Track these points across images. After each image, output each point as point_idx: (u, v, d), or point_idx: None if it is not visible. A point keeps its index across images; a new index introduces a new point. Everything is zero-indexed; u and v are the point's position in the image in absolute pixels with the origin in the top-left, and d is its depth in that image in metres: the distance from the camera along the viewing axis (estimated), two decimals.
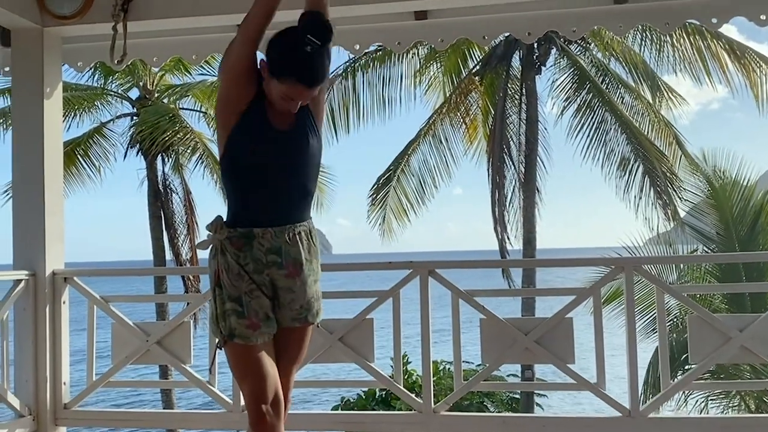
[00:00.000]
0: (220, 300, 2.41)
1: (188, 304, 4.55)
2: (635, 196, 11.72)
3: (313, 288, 2.53)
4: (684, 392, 8.09)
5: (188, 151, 13.57)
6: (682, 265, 10.13)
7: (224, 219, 2.47)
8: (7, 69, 4.36)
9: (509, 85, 12.46)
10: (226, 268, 2.41)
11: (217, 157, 13.34)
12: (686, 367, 7.39)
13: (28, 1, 3.89)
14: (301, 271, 2.47)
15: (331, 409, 9.45)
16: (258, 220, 2.43)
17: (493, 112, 12.58)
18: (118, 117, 14.07)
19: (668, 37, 11.00)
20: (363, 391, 10.06)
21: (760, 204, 9.98)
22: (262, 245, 2.42)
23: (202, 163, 13.50)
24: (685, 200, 11.29)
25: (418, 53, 12.52)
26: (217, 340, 2.46)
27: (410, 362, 9.84)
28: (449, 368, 9.63)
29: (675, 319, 8.98)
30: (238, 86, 2.42)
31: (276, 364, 2.44)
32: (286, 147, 2.44)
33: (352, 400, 10.21)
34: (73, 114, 13.20)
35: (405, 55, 12.18)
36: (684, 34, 11.02)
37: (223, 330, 2.40)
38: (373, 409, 9.48)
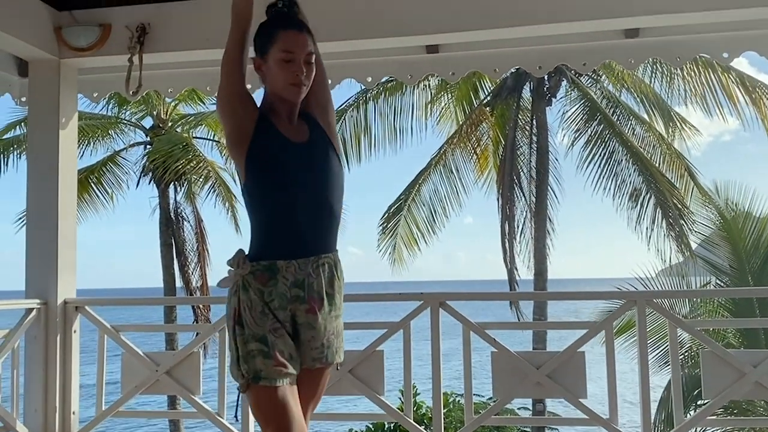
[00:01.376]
0: (242, 340, 2.22)
1: (198, 334, 4.54)
2: (647, 228, 11.68)
3: (334, 324, 2.36)
4: (697, 429, 7.97)
5: (200, 179, 13.68)
6: (695, 298, 10.03)
7: (246, 253, 2.31)
8: (24, 99, 4.43)
9: (520, 116, 12.51)
10: (249, 305, 2.23)
11: (230, 185, 13.44)
12: (699, 402, 7.29)
13: (47, 33, 3.96)
14: (323, 306, 2.31)
15: None
16: (282, 252, 2.27)
17: (503, 142, 12.63)
18: (132, 145, 14.23)
19: (679, 70, 11.04)
20: (372, 424, 9.96)
21: None
22: (287, 279, 2.25)
23: (214, 191, 13.59)
24: (697, 232, 11.23)
25: (429, 84, 12.62)
26: (238, 384, 2.26)
27: (419, 394, 9.76)
28: (459, 400, 9.54)
29: (689, 352, 8.88)
30: (234, 113, 2.31)
31: None
32: (306, 160, 2.31)
33: None
34: (87, 142, 13.35)
35: (416, 86, 12.28)
36: (695, 67, 11.06)
37: (246, 373, 2.20)
38: None
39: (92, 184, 13.52)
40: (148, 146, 13.99)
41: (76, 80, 4.27)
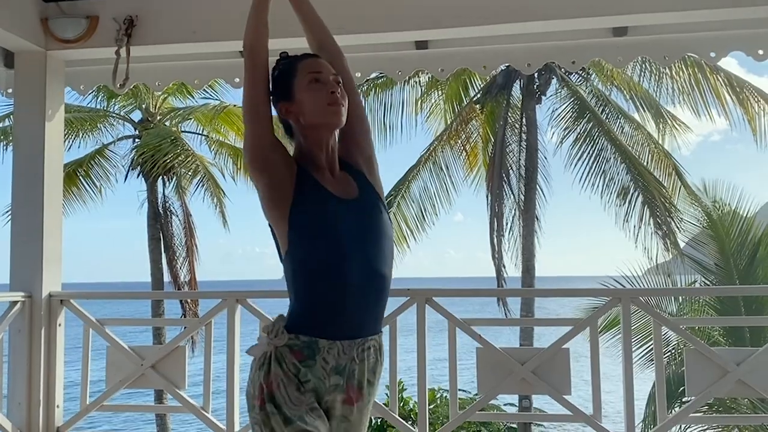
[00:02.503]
0: (277, 421, 1.88)
1: (185, 328, 4.53)
2: (635, 226, 11.76)
3: (367, 413, 2.07)
4: (681, 426, 8.03)
5: (189, 174, 13.63)
6: (681, 297, 10.10)
7: (285, 322, 1.99)
8: (10, 91, 4.39)
9: (509, 114, 12.56)
10: (284, 381, 1.91)
11: (218, 180, 13.39)
12: (684, 400, 7.35)
13: (33, 24, 3.93)
14: (362, 396, 2.01)
15: None
16: (326, 330, 1.95)
17: (493, 140, 12.66)
18: (120, 139, 14.17)
19: (667, 69, 11.10)
20: None
21: (759, 236, 9.98)
22: (327, 362, 1.94)
23: (203, 186, 13.55)
24: (685, 231, 11.30)
25: (419, 81, 12.63)
26: None
27: (406, 389, 9.77)
28: (446, 396, 9.57)
29: (674, 350, 8.93)
30: (269, 169, 2.01)
31: None
32: (358, 222, 2.01)
33: None
34: (75, 135, 13.28)
35: (406, 82, 12.29)
36: (683, 67, 11.13)
37: None
38: None
39: (80, 177, 13.46)
40: (136, 140, 13.93)
41: (63, 72, 4.24)
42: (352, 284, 1.96)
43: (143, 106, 13.98)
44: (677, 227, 11.52)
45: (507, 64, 4.51)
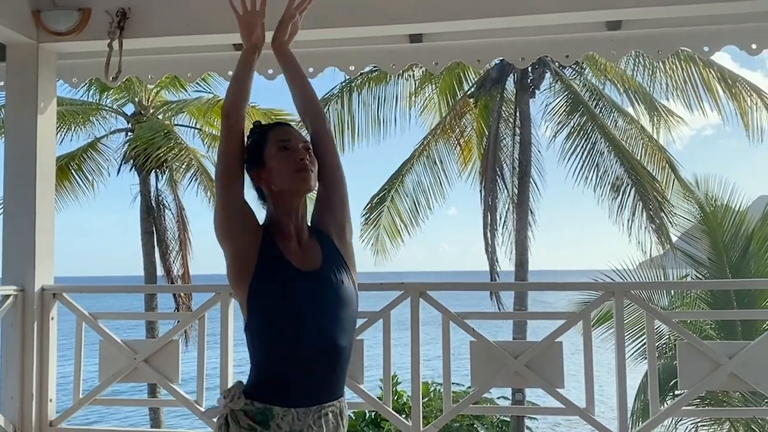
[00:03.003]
0: None
1: (178, 322, 4.52)
2: (628, 220, 11.79)
3: None
4: (673, 419, 8.07)
5: (182, 167, 13.59)
6: (673, 291, 10.13)
7: (243, 386, 2.07)
8: (1, 83, 4.37)
9: (503, 108, 12.57)
10: None
11: (211, 173, 13.42)
12: (676, 393, 7.38)
13: (25, 17, 3.91)
14: None
15: None
16: (280, 397, 2.01)
17: (487, 134, 12.67)
18: (113, 132, 14.11)
19: (660, 64, 11.12)
20: (353, 412, 10.01)
21: (751, 230, 10.02)
22: (281, 428, 2.00)
23: (196, 179, 13.50)
24: (677, 225, 11.34)
25: (413, 75, 12.62)
26: None
27: (400, 383, 9.80)
28: (440, 389, 9.60)
29: (667, 343, 8.98)
30: (235, 235, 2.09)
31: None
32: (316, 293, 2.06)
33: None
34: (67, 128, 13.22)
35: (400, 76, 12.28)
36: (677, 61, 11.14)
37: None
38: (363, 431, 9.43)
39: (73, 171, 13.40)
40: (129, 133, 13.88)
41: (55, 65, 4.21)
42: (307, 356, 2.03)
43: (136, 99, 13.92)
44: (669, 221, 11.57)
45: (501, 58, 4.51)
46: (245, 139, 2.20)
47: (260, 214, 2.21)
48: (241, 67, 2.26)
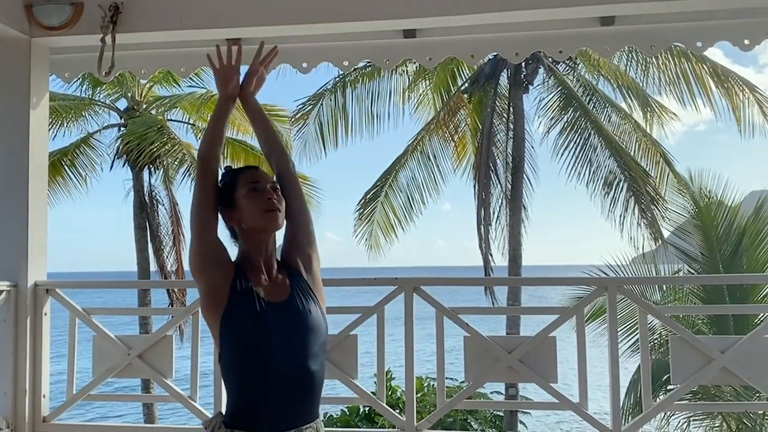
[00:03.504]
0: None
1: (172, 317, 4.52)
2: (620, 215, 11.82)
3: None
4: (666, 413, 8.11)
5: (176, 162, 13.56)
6: (665, 286, 10.17)
7: (224, 416, 2.20)
8: None
9: (497, 104, 12.57)
10: None
11: None
12: (669, 387, 7.41)
13: (17, 11, 3.88)
14: None
15: None
16: (256, 424, 2.14)
17: (480, 129, 12.67)
18: (106, 127, 14.06)
19: (654, 59, 11.14)
20: (347, 407, 10.02)
21: (744, 225, 10.06)
22: None
23: (190, 174, 13.46)
24: (670, 220, 11.38)
25: (407, 70, 12.61)
26: None
27: (394, 378, 9.80)
28: (434, 384, 9.62)
29: (659, 338, 9.01)
30: (209, 271, 2.25)
31: None
32: (285, 323, 2.19)
33: (335, 416, 10.17)
34: (60, 123, 13.17)
35: (394, 71, 12.26)
36: (670, 56, 11.17)
37: None
38: (357, 426, 9.43)
39: (65, 166, 13.35)
40: (122, 128, 13.83)
41: (48, 60, 4.19)
42: (280, 383, 2.15)
43: (129, 94, 13.87)
44: (662, 216, 11.60)
45: (494, 54, 4.51)
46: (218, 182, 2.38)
47: (232, 250, 2.35)
48: (217, 114, 2.45)
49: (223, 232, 2.36)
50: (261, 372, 2.15)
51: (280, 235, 2.42)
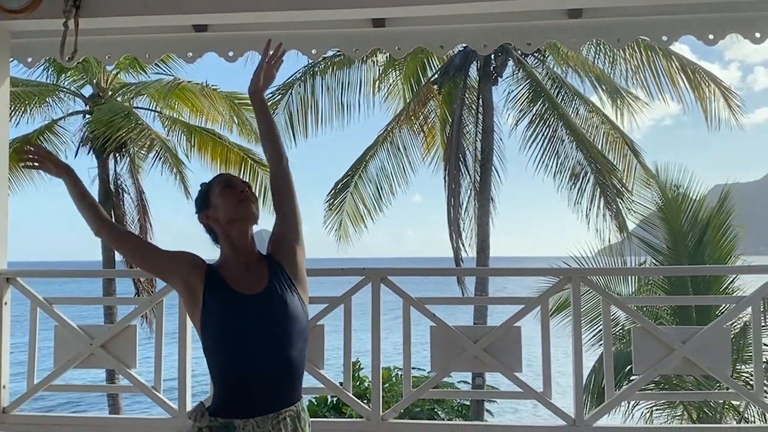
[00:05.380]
0: None
1: (137, 307, 4.46)
2: (586, 207, 11.95)
3: None
4: (629, 402, 8.23)
5: (143, 150, 13.37)
6: (630, 279, 10.30)
7: (206, 405, 2.30)
8: None
9: (466, 95, 12.59)
10: None
11: (175, 152, 13.15)
12: (631, 378, 7.52)
13: None
14: None
15: None
16: (239, 410, 2.24)
17: (450, 121, 12.69)
18: (71, 114, 13.80)
19: (621, 52, 11.25)
20: (314, 398, 10.00)
21: (708, 218, 10.21)
22: None
23: (160, 158, 13.26)
24: (635, 212, 11.51)
25: (376, 61, 12.57)
26: None
27: (362, 368, 9.82)
28: (401, 374, 9.65)
29: (620, 330, 9.12)
30: (170, 273, 2.43)
31: None
32: (262, 313, 2.28)
33: None
34: (23, 110, 12.90)
35: (364, 61, 12.22)
36: (637, 49, 11.28)
37: None
38: (325, 416, 9.43)
39: None
40: (87, 115, 13.59)
41: (9, 44, 4.10)
42: (258, 370, 2.25)
43: (94, 81, 13.64)
44: (627, 209, 11.74)
45: (464, 45, 4.51)
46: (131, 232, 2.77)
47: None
48: (75, 198, 2.62)
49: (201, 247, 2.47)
50: (240, 362, 2.25)
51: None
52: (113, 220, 13.37)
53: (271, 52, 2.64)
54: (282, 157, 2.58)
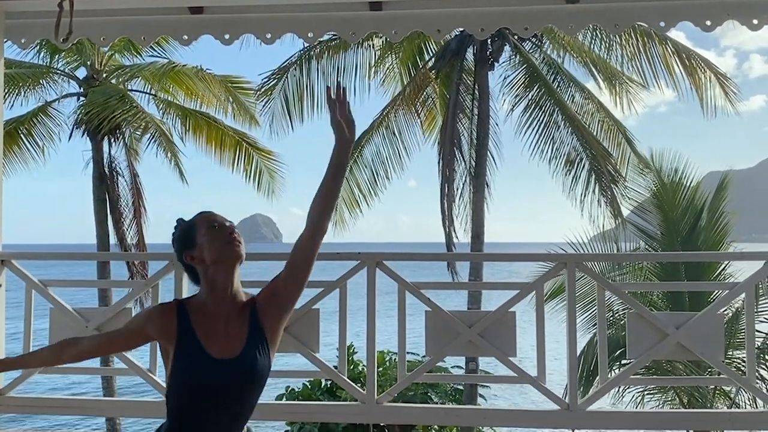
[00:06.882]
0: None
1: (131, 290, 4.46)
2: (581, 193, 11.96)
3: None
4: (621, 387, 8.28)
5: (138, 132, 13.31)
6: (625, 265, 10.34)
7: None
8: None
9: (462, 80, 12.55)
10: None
11: (169, 137, 13.12)
12: (621, 362, 7.56)
13: None
14: None
15: (276, 398, 9.40)
16: None
17: (446, 106, 12.66)
18: (64, 96, 13.71)
19: (618, 38, 11.22)
20: (309, 381, 10.03)
21: (701, 205, 10.24)
22: None
23: (155, 141, 13.21)
24: (630, 199, 11.53)
25: (373, 45, 12.51)
26: None
27: (356, 352, 9.85)
28: (395, 358, 9.68)
29: (612, 315, 9.16)
30: (145, 339, 2.37)
31: None
32: (228, 380, 2.24)
33: (297, 390, 10.19)
34: (17, 92, 12.80)
35: (360, 45, 12.16)
36: (633, 36, 11.25)
37: None
38: (319, 399, 9.47)
39: (22, 136, 13.01)
40: (81, 98, 13.51)
41: (3, 24, 4.07)
42: (208, 414, 2.22)
43: (88, 62, 13.54)
44: (621, 195, 11.76)
45: (461, 29, 4.50)
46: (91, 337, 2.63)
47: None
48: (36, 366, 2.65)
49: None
50: (195, 416, 2.23)
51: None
52: (108, 203, 13.38)
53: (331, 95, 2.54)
54: (324, 225, 2.43)
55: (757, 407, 8.05)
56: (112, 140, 13.49)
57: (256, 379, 2.27)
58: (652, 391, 9.49)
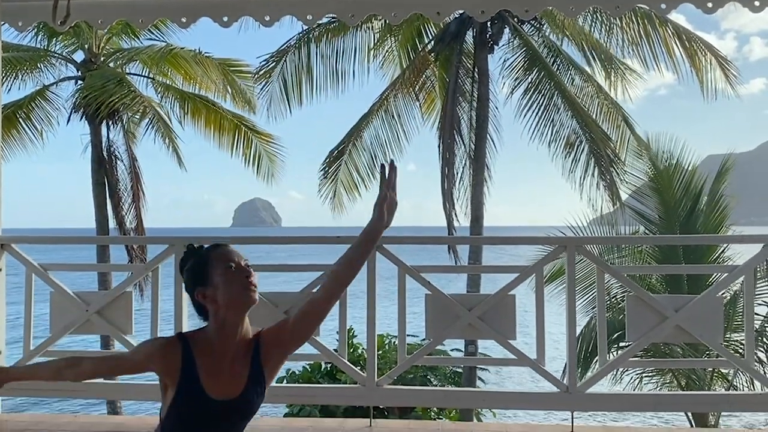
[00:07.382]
0: None
1: (131, 273, 4.46)
2: (580, 177, 11.95)
3: None
4: (620, 370, 8.32)
5: (137, 116, 13.28)
6: (623, 246, 10.36)
7: None
8: None
9: (462, 63, 12.50)
10: None
11: (167, 122, 13.09)
12: (619, 345, 7.58)
13: None
14: None
15: (276, 382, 9.39)
16: None
17: (445, 89, 12.62)
18: (62, 80, 13.66)
19: (618, 21, 11.16)
20: (309, 364, 10.08)
21: (700, 188, 10.24)
22: None
23: (153, 127, 13.18)
24: (628, 182, 11.53)
25: (372, 27, 12.45)
26: None
27: (356, 335, 9.88)
28: (395, 341, 9.71)
29: (610, 299, 9.18)
30: (146, 369, 2.28)
31: None
32: (225, 420, 2.24)
33: (297, 373, 10.24)
34: (15, 75, 12.75)
35: (359, 27, 12.10)
36: (634, 18, 11.20)
37: None
38: (318, 382, 9.51)
39: (20, 119, 12.98)
40: (79, 81, 13.45)
41: (0, 7, 4.04)
42: None
43: (86, 46, 13.47)
44: (620, 179, 11.75)
45: (461, 11, 4.47)
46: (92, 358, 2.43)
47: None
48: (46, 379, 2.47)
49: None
50: None
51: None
52: (107, 187, 13.37)
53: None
54: (341, 293, 2.41)
55: (754, 389, 8.09)
56: (111, 124, 13.45)
57: (248, 416, 2.28)
58: (650, 374, 9.53)
